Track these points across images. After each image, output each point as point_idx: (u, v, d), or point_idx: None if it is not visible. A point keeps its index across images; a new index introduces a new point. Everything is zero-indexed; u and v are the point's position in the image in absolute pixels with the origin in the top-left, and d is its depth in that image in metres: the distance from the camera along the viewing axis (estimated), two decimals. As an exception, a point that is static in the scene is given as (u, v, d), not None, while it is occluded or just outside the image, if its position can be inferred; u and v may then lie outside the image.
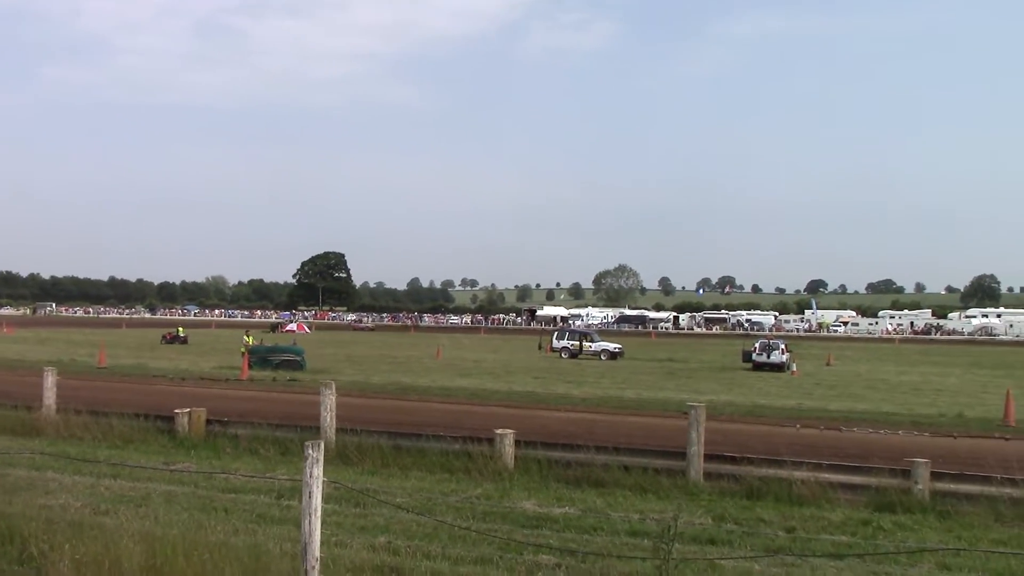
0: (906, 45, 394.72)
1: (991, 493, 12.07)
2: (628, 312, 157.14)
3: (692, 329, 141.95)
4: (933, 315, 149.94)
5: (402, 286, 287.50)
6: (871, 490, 12.63)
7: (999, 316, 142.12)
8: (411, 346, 72.06)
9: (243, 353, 42.17)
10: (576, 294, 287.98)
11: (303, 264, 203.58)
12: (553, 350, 61.08)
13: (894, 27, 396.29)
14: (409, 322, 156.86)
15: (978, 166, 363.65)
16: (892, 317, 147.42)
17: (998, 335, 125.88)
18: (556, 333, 66.50)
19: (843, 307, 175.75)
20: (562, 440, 16.04)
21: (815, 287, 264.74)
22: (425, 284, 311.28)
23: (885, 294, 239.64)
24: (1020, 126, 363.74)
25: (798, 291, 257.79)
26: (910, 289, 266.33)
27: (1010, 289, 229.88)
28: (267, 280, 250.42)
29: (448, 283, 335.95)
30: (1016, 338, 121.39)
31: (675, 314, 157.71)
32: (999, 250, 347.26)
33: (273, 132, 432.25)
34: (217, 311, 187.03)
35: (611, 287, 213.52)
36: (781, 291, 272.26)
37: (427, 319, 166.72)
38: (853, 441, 20.40)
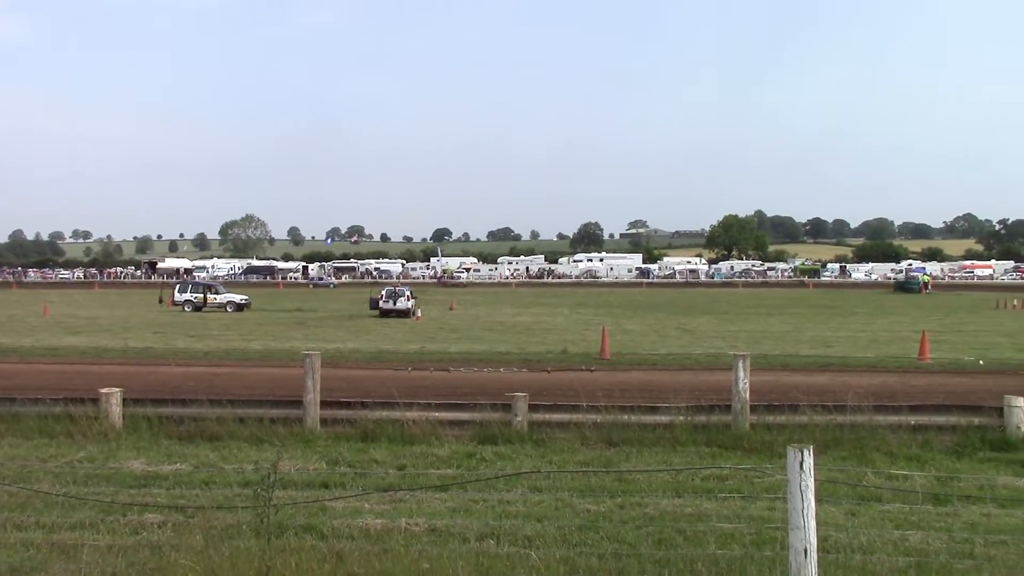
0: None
1: (579, 420, 13.39)
2: (256, 263, 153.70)
3: (322, 279, 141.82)
4: (546, 260, 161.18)
5: (2, 239, 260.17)
6: (476, 425, 13.53)
7: (601, 260, 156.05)
8: (14, 304, 65.67)
9: None
10: (201, 245, 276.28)
11: None
12: (175, 304, 58.57)
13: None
14: (11, 278, 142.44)
15: (579, 123, 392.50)
16: (510, 263, 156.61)
17: (601, 277, 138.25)
18: (178, 286, 63.69)
19: (466, 254, 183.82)
20: (179, 396, 15.55)
21: (440, 235, 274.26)
22: (30, 236, 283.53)
23: (504, 241, 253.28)
24: (609, 86, 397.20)
25: (425, 239, 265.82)
26: (527, 236, 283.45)
27: (611, 236, 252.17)
28: None
29: (57, 235, 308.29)
30: (615, 279, 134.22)
31: (304, 264, 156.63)
32: (602, 200, 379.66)
33: None
34: None
35: (238, 237, 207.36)
36: (409, 240, 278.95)
37: (32, 274, 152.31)
38: (461, 380, 21.67)
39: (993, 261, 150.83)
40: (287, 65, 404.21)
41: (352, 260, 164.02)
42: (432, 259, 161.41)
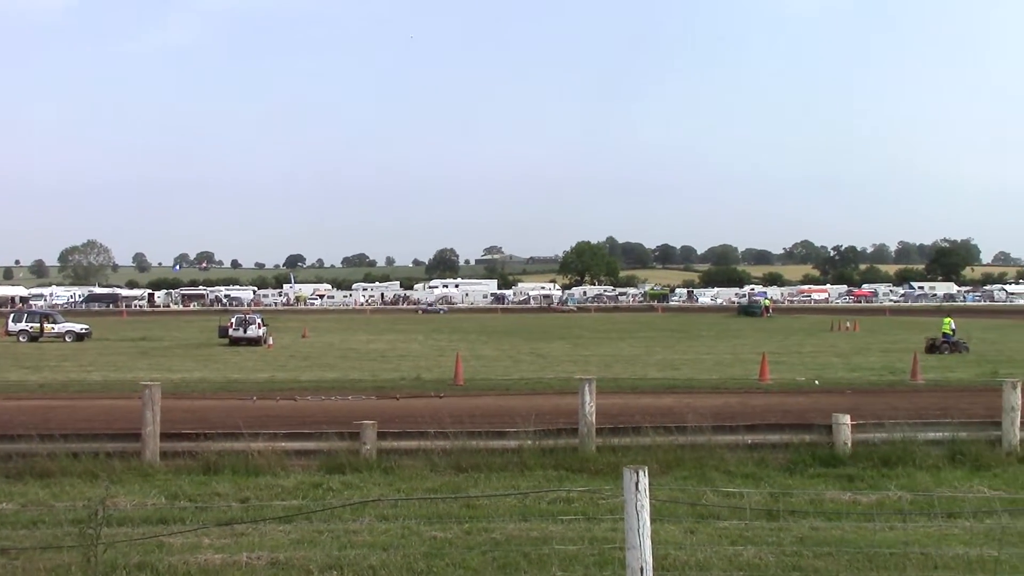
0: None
1: (428, 447, 13.37)
2: (98, 290, 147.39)
3: (168, 306, 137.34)
4: (401, 286, 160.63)
5: None
6: (323, 454, 13.32)
7: (457, 286, 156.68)
8: None
9: None
10: (39, 272, 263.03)
11: None
12: (9, 334, 55.49)
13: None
14: None
15: (434, 150, 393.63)
16: (365, 289, 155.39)
17: (456, 303, 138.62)
18: (12, 315, 60.36)
19: (320, 280, 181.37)
20: (7, 431, 14.72)
21: (294, 262, 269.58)
22: None
23: (359, 267, 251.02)
24: (463, 113, 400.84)
25: (277, 266, 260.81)
26: (382, 263, 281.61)
27: (467, 261, 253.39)
28: None
29: None
30: (471, 305, 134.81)
31: (150, 291, 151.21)
32: (458, 227, 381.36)
33: None
34: None
35: (79, 264, 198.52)
36: (261, 266, 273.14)
37: None
38: (310, 409, 21.33)
39: (828, 285, 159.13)
40: (135, 85, 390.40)
41: (201, 287, 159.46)
42: (285, 286, 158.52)
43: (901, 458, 12.99)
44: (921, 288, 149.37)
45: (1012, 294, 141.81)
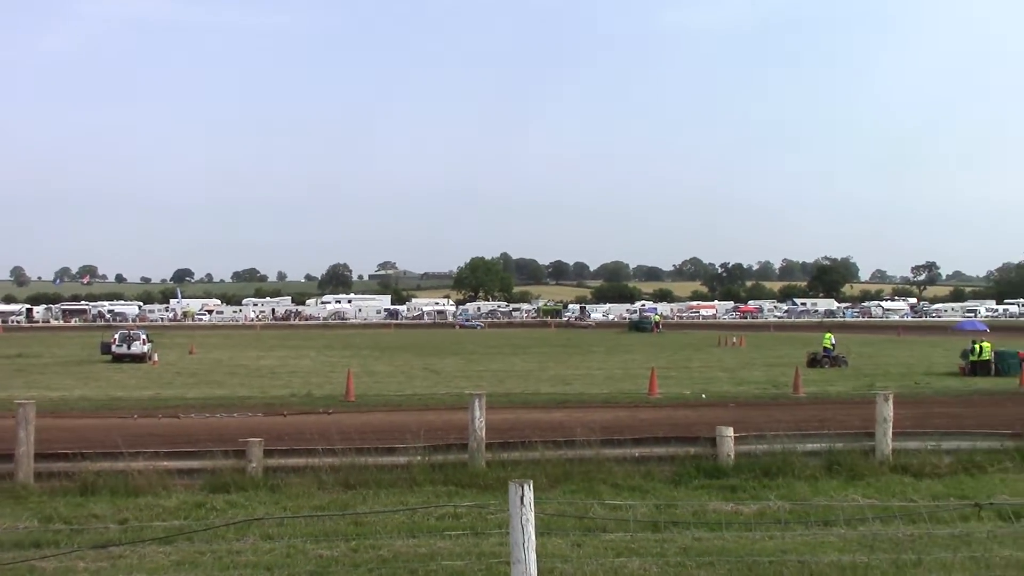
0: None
1: (315, 464, 13.18)
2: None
3: (48, 322, 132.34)
4: (293, 302, 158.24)
5: None
6: (207, 473, 13.01)
7: (350, 301, 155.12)
8: None
9: None
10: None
11: None
12: None
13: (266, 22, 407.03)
14: None
15: (328, 164, 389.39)
16: (255, 304, 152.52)
17: (349, 319, 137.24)
18: None
19: (208, 296, 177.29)
20: None
21: (181, 276, 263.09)
22: None
23: (250, 282, 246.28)
24: (358, 126, 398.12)
25: (164, 280, 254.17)
26: (273, 278, 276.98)
27: (360, 277, 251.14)
28: None
29: None
30: (364, 320, 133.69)
31: (28, 306, 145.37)
32: (352, 242, 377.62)
33: None
34: None
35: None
36: (147, 280, 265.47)
37: None
38: (195, 427, 20.82)
39: (716, 302, 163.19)
40: (10, 93, 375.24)
41: (83, 302, 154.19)
42: (172, 301, 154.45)
43: (781, 469, 13.38)
44: (803, 304, 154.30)
45: (888, 310, 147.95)
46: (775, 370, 39.49)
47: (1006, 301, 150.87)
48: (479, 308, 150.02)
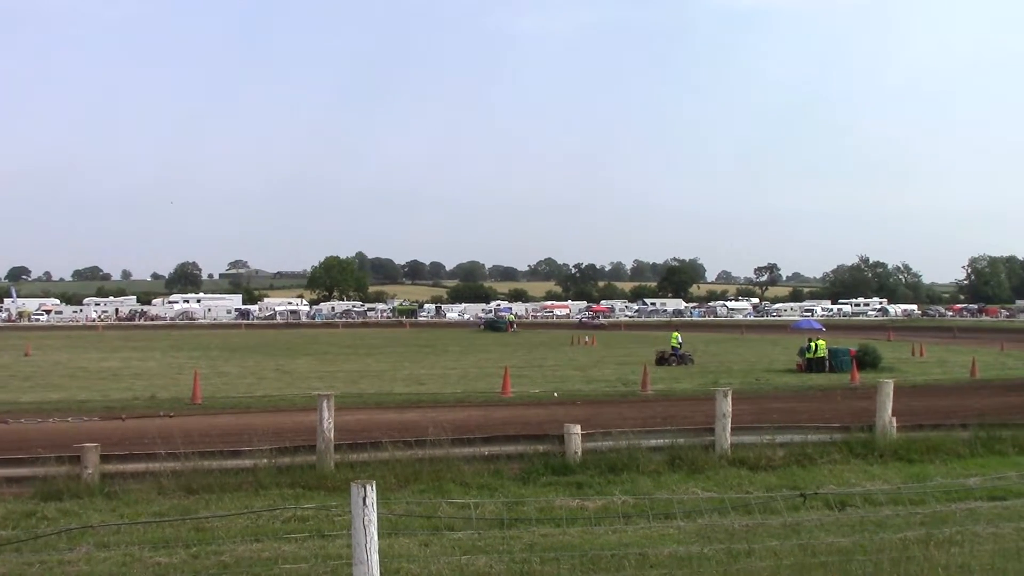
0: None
1: (155, 469, 12.73)
2: None
3: None
4: (139, 302, 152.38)
5: None
6: (38, 480, 12.40)
7: (199, 301, 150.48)
8: None
9: None
10: None
11: None
12: None
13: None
14: None
15: (174, 158, 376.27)
16: (98, 304, 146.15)
17: (198, 319, 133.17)
18: None
19: (47, 295, 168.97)
20: None
21: (17, 274, 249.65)
22: None
23: (92, 281, 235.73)
24: (201, 120, 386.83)
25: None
26: (117, 276, 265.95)
27: (211, 276, 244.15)
28: None
29: None
30: (214, 321, 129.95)
31: None
32: (201, 240, 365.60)
33: None
34: None
35: None
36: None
37: None
38: (26, 432, 19.87)
39: (570, 302, 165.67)
40: None
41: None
42: (6, 300, 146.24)
43: (627, 464, 13.72)
44: (653, 304, 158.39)
45: (732, 309, 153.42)
46: (625, 368, 40.48)
47: (840, 301, 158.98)
48: (333, 308, 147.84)
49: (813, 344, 40.06)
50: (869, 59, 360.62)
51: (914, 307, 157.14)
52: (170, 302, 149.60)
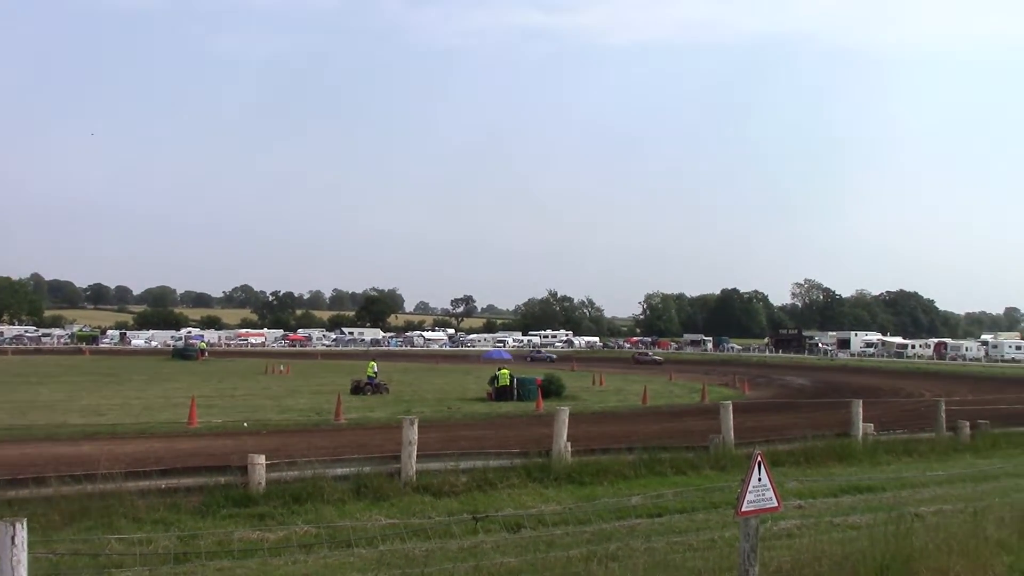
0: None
1: None
2: None
3: None
4: None
5: None
6: None
7: None
8: None
9: None
10: None
11: None
12: None
13: None
14: None
15: None
16: None
17: None
18: None
19: None
20: None
21: None
22: None
23: None
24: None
25: None
26: None
27: None
28: None
29: None
30: None
31: None
32: None
33: None
34: None
35: None
36: None
37: None
38: None
39: (266, 329, 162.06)
40: None
41: None
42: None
43: (311, 494, 13.62)
44: (351, 333, 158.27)
45: (429, 340, 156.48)
46: (320, 398, 40.12)
47: (530, 332, 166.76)
48: (2, 333, 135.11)
49: (500, 373, 41.78)
50: (550, 111, 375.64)
51: (596, 339, 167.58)
52: None
